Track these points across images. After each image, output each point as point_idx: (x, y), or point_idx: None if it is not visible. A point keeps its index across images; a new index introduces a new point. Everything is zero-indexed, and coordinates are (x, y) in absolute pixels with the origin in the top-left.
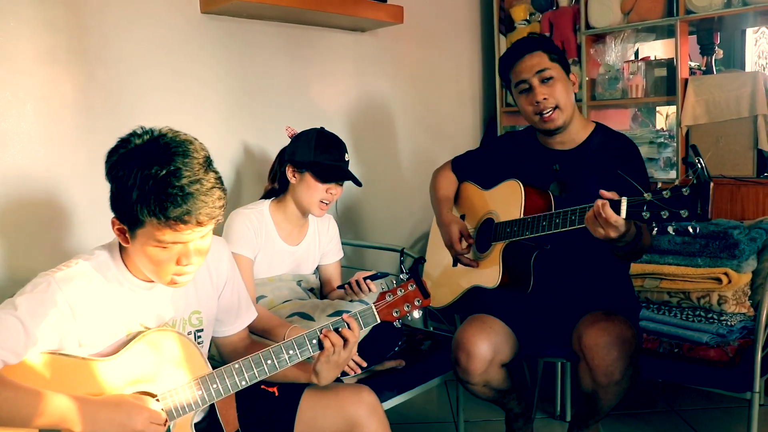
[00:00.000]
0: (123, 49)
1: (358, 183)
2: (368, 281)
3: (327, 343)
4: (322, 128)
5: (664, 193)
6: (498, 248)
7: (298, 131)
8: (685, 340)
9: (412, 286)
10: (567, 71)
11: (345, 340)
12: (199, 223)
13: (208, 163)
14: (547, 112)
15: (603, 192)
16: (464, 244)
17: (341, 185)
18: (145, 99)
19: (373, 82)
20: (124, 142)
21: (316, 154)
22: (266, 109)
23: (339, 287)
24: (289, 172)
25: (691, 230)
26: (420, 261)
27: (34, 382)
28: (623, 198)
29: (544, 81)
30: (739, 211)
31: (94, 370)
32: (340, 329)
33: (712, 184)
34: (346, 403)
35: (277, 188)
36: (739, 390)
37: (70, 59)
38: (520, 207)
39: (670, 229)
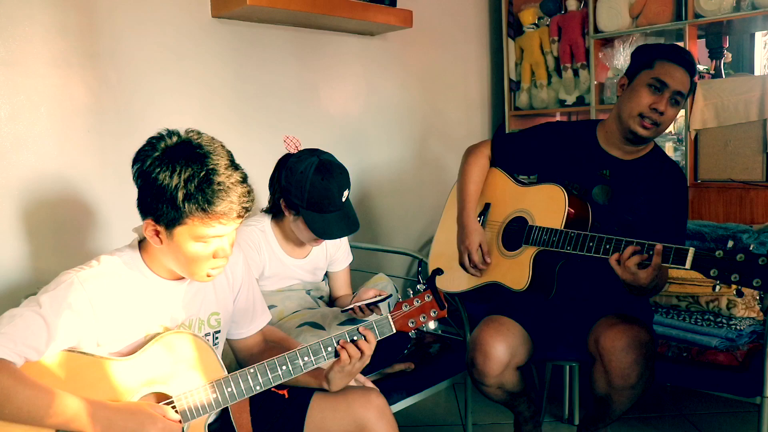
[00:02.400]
0: (134, 53)
1: (353, 231)
2: (373, 306)
3: (344, 355)
4: (319, 160)
5: (738, 256)
6: (530, 252)
7: (300, 143)
8: (694, 344)
9: (428, 296)
10: (684, 106)
11: (362, 352)
12: (239, 216)
13: (233, 160)
14: (648, 122)
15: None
16: (478, 257)
17: None
18: (155, 102)
19: (381, 86)
20: (151, 146)
21: (310, 204)
22: (276, 113)
23: (343, 311)
24: (282, 206)
25: (754, 293)
26: (437, 272)
27: (52, 379)
28: (691, 248)
29: (673, 101)
30: (748, 215)
31: (111, 370)
32: (356, 340)
33: None
34: (355, 406)
35: (276, 204)
36: (749, 394)
37: (82, 62)
38: (562, 217)
39: (733, 293)
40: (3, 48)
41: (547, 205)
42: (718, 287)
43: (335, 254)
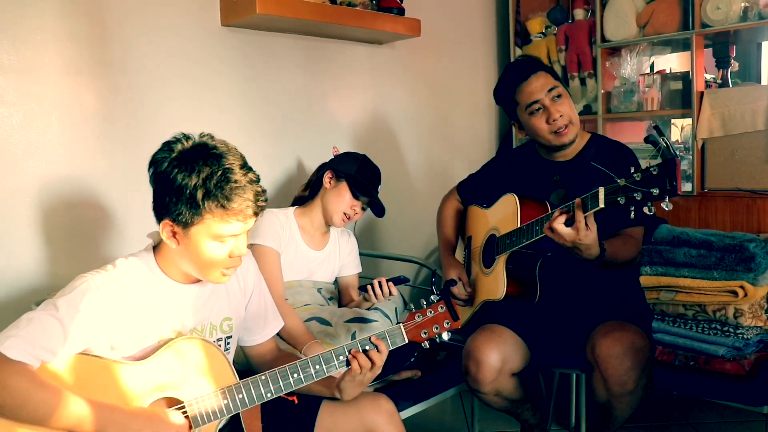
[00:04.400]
0: (144, 61)
1: (382, 213)
2: (390, 284)
3: (355, 365)
4: (366, 157)
5: (635, 176)
6: (501, 260)
7: (341, 151)
8: (701, 353)
9: (442, 307)
10: (567, 88)
11: (372, 363)
12: (255, 213)
13: (245, 161)
14: (563, 129)
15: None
16: (458, 289)
17: (364, 209)
18: (164, 109)
19: (389, 94)
20: (168, 149)
21: (358, 171)
22: (283, 120)
23: (360, 288)
24: (326, 177)
25: (664, 207)
26: (451, 283)
27: (65, 382)
28: (600, 187)
29: (555, 99)
30: (755, 224)
31: (123, 374)
32: (368, 351)
33: (678, 160)
34: (365, 411)
35: (306, 196)
36: (756, 404)
37: (93, 70)
38: (517, 218)
39: (645, 210)
40: (15, 56)
41: (506, 214)
42: (632, 214)
43: (347, 257)
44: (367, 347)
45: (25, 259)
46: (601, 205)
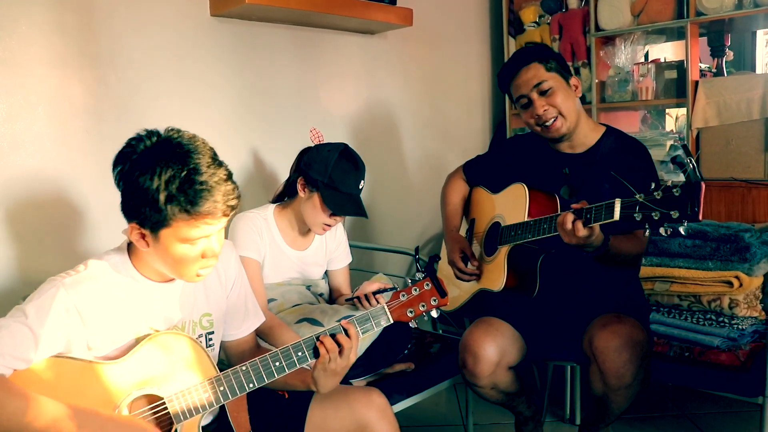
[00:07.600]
0: (133, 53)
1: (364, 215)
2: (377, 296)
3: (322, 350)
4: (346, 147)
5: (656, 194)
6: (503, 252)
7: (323, 136)
8: (696, 344)
9: (428, 284)
10: (566, 77)
11: (341, 347)
12: (224, 214)
13: (215, 157)
14: (549, 123)
15: (574, 205)
16: (462, 263)
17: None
18: (154, 101)
19: (381, 85)
20: (130, 148)
21: (330, 179)
22: (275, 112)
23: (347, 300)
24: (299, 185)
25: (682, 231)
26: (435, 259)
27: (42, 385)
28: (617, 199)
29: (543, 93)
30: (750, 214)
31: (102, 373)
32: (336, 335)
33: (703, 185)
34: (357, 406)
35: (284, 192)
36: (751, 394)
37: (80, 63)
38: (525, 210)
39: (662, 231)
40: (0, 47)
41: (513, 204)
42: (647, 232)
43: (334, 251)
44: (336, 333)
45: (7, 255)
46: (616, 218)
